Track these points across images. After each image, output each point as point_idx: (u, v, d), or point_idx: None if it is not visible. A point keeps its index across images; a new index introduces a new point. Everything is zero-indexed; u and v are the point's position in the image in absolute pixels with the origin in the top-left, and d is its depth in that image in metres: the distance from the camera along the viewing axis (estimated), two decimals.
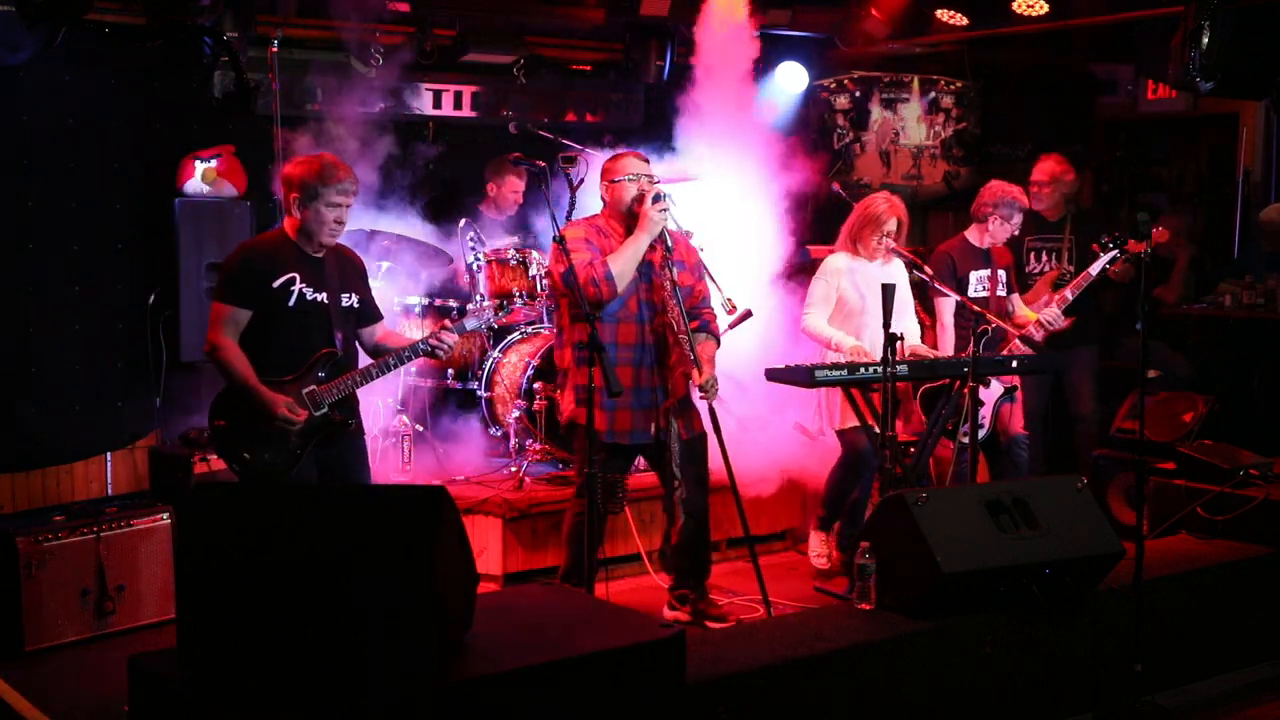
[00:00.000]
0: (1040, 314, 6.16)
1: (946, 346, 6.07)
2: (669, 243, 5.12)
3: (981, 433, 6.02)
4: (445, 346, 4.79)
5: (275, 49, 6.28)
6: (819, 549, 5.96)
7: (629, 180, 5.17)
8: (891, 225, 5.80)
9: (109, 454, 6.11)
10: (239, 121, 5.90)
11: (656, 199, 5.07)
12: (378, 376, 4.77)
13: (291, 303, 4.57)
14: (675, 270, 5.14)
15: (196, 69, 6.25)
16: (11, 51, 5.46)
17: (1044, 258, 6.91)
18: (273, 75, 6.28)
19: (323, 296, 4.63)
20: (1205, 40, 6.30)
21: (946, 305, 6.10)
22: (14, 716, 4.47)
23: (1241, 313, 7.20)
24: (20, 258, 5.86)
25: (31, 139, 5.87)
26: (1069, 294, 6.10)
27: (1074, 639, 4.46)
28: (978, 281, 6.20)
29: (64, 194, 6.00)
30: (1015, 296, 6.41)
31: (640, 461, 5.71)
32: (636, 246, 5.07)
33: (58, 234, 5.98)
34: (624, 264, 5.04)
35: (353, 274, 4.82)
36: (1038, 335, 6.13)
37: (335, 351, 4.66)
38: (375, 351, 4.88)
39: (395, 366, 4.88)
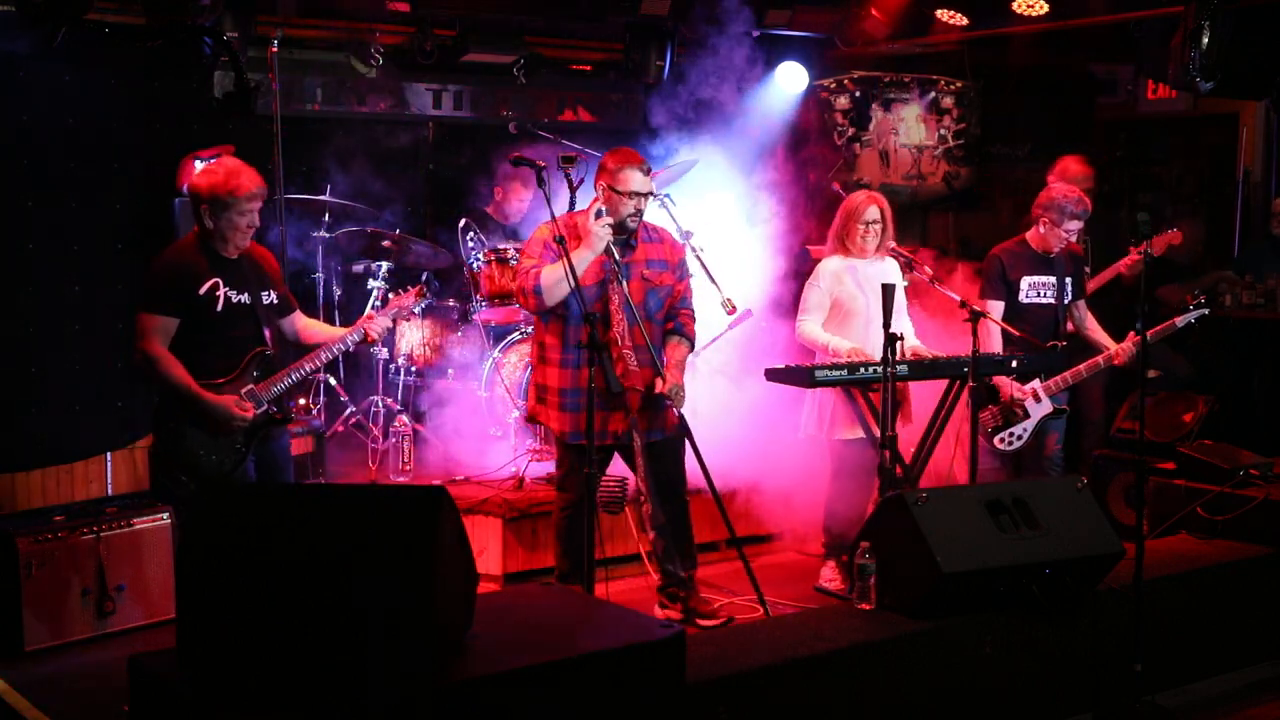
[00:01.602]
0: (1119, 350, 5.90)
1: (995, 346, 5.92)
2: (616, 257, 5.00)
3: (1020, 444, 5.98)
4: (377, 332, 5.03)
5: (275, 49, 6.29)
6: (830, 575, 5.92)
7: (620, 193, 5.04)
8: (872, 214, 5.73)
9: (109, 454, 6.11)
10: (239, 121, 5.90)
11: (599, 214, 4.97)
12: (312, 371, 4.97)
13: (219, 308, 4.71)
14: (645, 277, 5.10)
15: (196, 69, 6.25)
16: (10, 41, 5.48)
17: None
18: (273, 75, 6.29)
19: (245, 297, 4.79)
20: (1205, 40, 6.31)
21: (994, 309, 5.92)
22: (14, 716, 4.47)
23: (1241, 313, 7.20)
24: (20, 258, 5.85)
25: (31, 139, 5.86)
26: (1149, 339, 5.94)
27: (1074, 639, 4.46)
28: (1030, 288, 6.01)
29: (64, 194, 5.99)
30: (1083, 304, 6.21)
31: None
32: (576, 261, 4.89)
33: (58, 234, 5.97)
34: (556, 278, 4.90)
35: (268, 271, 4.97)
36: (1104, 365, 5.97)
37: (266, 350, 4.81)
38: (295, 340, 5.04)
39: (328, 360, 5.11)
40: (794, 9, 7.80)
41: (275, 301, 4.94)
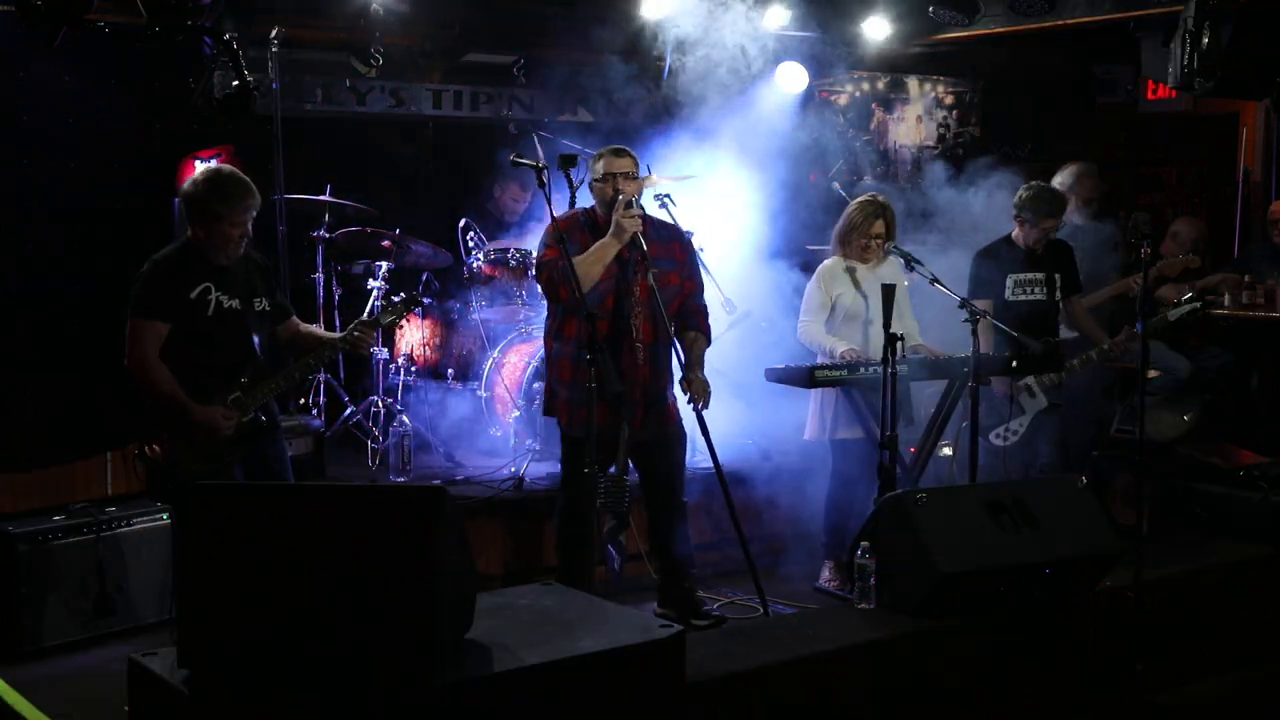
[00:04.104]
0: (1115, 342, 5.94)
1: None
2: (643, 248, 5.02)
3: (1015, 439, 5.98)
4: (366, 343, 4.87)
5: (275, 49, 6.28)
6: (830, 575, 5.91)
7: (598, 181, 5.14)
8: (878, 228, 5.74)
9: (109, 454, 6.11)
10: (239, 121, 5.90)
11: (629, 205, 5.01)
12: (300, 379, 4.86)
13: (210, 312, 4.60)
14: (653, 276, 5.07)
15: (196, 69, 6.25)
16: (10, 41, 5.50)
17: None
18: (273, 75, 6.28)
19: (237, 303, 4.68)
20: (1205, 40, 6.30)
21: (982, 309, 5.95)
22: (14, 716, 4.47)
23: (1241, 313, 7.21)
24: (20, 258, 5.85)
25: (31, 139, 5.86)
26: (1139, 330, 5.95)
27: (1074, 639, 4.46)
28: (1017, 285, 6.01)
29: (64, 194, 6.00)
30: (1076, 299, 6.18)
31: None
32: (602, 251, 4.98)
33: (58, 234, 5.97)
34: (586, 268, 4.95)
35: (260, 277, 4.85)
36: (1096, 359, 6.00)
37: (256, 357, 4.73)
38: (291, 345, 4.94)
39: (317, 368, 5.04)
40: (794, 9, 7.80)
41: (268, 309, 4.82)
